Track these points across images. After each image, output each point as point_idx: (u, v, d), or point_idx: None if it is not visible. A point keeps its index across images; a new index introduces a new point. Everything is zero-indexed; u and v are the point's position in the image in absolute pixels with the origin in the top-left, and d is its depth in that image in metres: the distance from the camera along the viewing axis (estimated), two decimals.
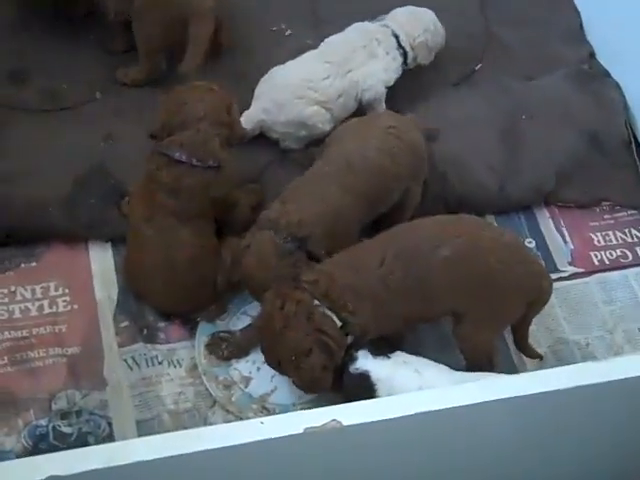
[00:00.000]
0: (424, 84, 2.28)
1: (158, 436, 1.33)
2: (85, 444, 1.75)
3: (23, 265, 1.98)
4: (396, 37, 2.19)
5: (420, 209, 2.01)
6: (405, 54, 2.20)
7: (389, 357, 1.72)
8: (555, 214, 2.18)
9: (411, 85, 2.26)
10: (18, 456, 1.72)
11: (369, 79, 2.14)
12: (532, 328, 1.90)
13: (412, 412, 1.35)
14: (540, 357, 1.91)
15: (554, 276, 2.04)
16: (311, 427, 1.33)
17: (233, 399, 1.84)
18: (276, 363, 1.74)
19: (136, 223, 1.88)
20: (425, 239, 1.75)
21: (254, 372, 1.87)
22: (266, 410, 1.83)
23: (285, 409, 1.82)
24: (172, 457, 1.29)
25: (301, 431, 1.32)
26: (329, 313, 1.69)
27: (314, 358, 1.68)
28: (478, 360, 1.80)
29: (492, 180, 2.15)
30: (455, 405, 1.36)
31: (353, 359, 1.71)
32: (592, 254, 2.12)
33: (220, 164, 1.86)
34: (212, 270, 1.87)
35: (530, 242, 2.13)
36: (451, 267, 1.72)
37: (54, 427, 1.77)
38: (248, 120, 2.08)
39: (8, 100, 2.18)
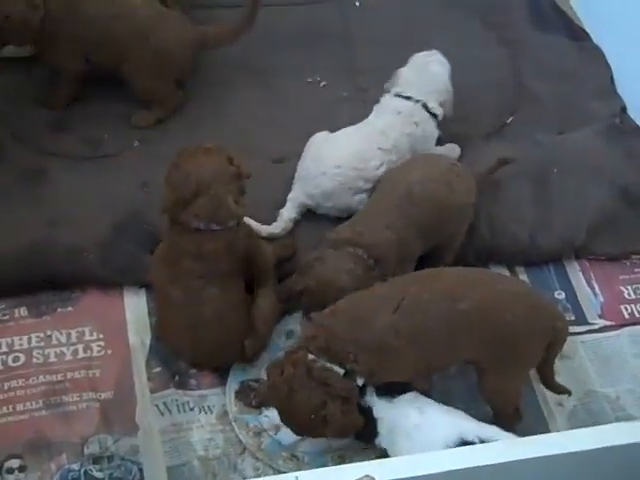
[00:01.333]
0: (455, 136, 2.30)
1: None
2: None
3: (59, 310, 2.02)
4: (425, 107, 2.18)
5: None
6: (436, 116, 2.20)
7: (394, 397, 1.75)
8: (585, 267, 2.19)
9: (442, 137, 2.29)
10: None
11: None
12: (561, 380, 1.91)
13: (443, 469, 1.36)
14: (569, 393, 1.91)
15: (584, 329, 2.06)
16: None
17: (263, 446, 1.85)
18: (302, 428, 1.74)
19: (162, 286, 1.90)
20: (444, 291, 1.76)
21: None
22: (295, 458, 1.84)
23: (315, 457, 1.83)
24: None
25: None
26: (329, 365, 1.70)
27: (331, 408, 1.69)
28: (504, 409, 1.81)
29: (523, 232, 2.16)
30: (485, 463, 1.37)
31: (362, 393, 1.75)
32: (622, 307, 2.12)
33: (239, 221, 1.86)
34: (240, 325, 1.89)
35: (560, 294, 2.14)
36: (469, 320, 1.74)
37: (86, 472, 1.79)
38: (292, 205, 2.09)
39: (50, 148, 2.24)
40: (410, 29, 2.56)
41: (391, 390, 1.76)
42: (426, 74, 2.21)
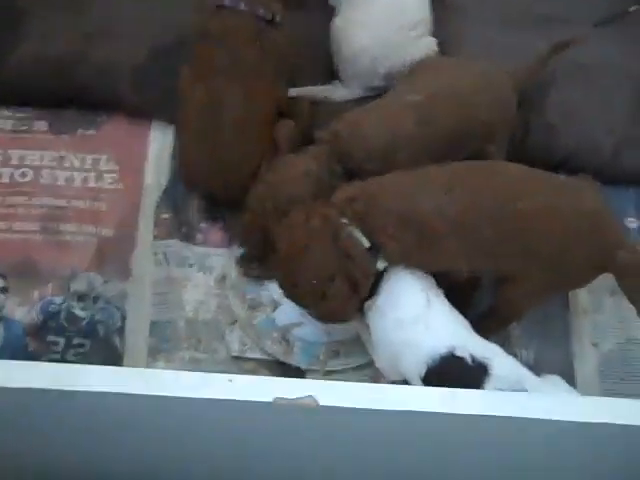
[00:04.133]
0: (559, 18, 1.99)
1: (117, 368, 1.24)
2: (94, 332, 1.69)
3: (80, 131, 1.89)
4: None
5: (516, 157, 1.75)
6: None
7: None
8: None
9: (546, 16, 1.99)
10: (24, 328, 1.69)
11: None
12: (604, 318, 1.73)
13: (395, 408, 1.19)
14: None
15: None
16: (282, 398, 1.19)
17: (255, 322, 1.71)
18: (292, 285, 1.56)
19: (185, 89, 1.75)
20: (504, 186, 1.57)
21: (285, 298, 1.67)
22: (286, 342, 1.69)
23: (307, 346, 1.69)
24: (126, 395, 1.18)
25: (270, 400, 1.19)
26: (358, 235, 1.50)
27: (336, 287, 1.50)
28: (507, 317, 1.68)
29: (608, 143, 1.88)
30: (443, 411, 1.19)
31: (377, 281, 1.54)
32: None
33: (274, 18, 1.72)
34: (262, 137, 1.73)
35: (632, 222, 1.87)
36: (522, 223, 1.53)
37: (68, 307, 1.71)
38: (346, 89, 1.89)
39: None
40: None
41: None
42: None
